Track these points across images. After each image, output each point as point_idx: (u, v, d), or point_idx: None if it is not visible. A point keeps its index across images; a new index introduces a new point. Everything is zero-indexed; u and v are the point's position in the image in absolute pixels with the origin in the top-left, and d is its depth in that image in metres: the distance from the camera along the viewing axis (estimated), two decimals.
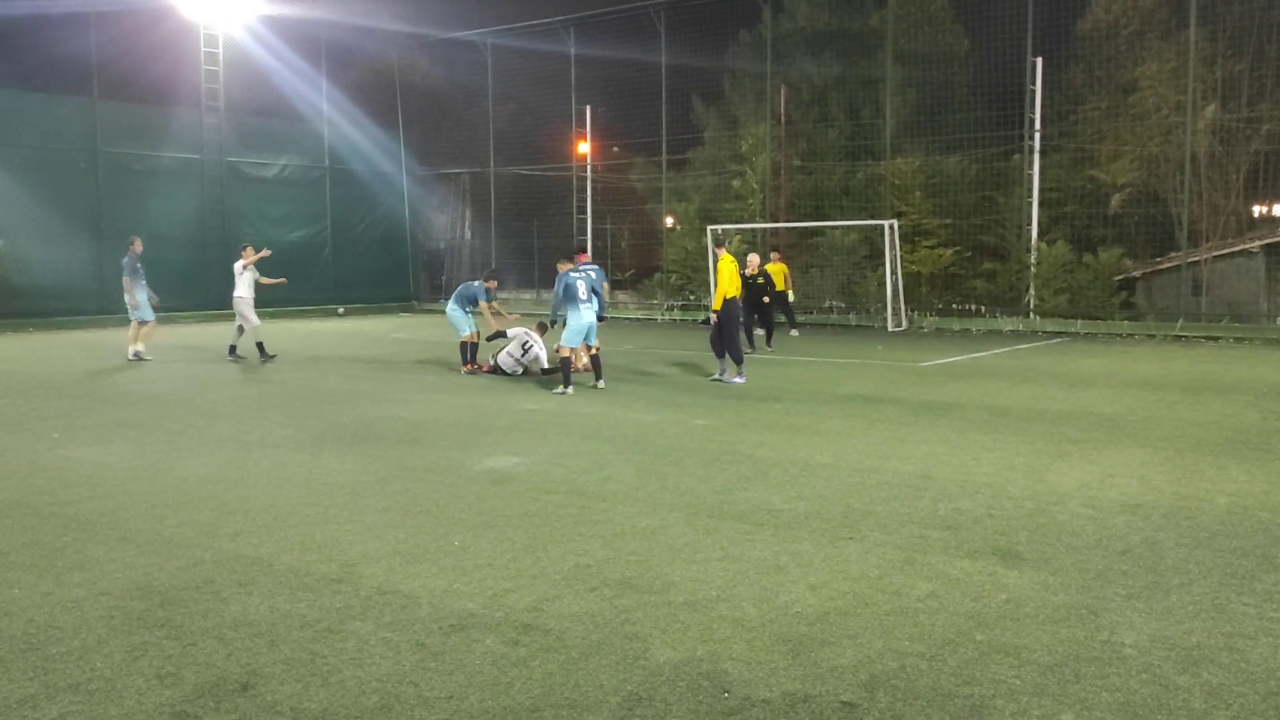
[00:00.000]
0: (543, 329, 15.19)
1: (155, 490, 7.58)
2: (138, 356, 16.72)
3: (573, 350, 13.12)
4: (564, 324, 13.19)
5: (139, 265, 16.81)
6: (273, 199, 30.51)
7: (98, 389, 13.38)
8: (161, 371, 15.48)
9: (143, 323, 16.81)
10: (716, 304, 13.69)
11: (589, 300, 12.98)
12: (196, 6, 28.10)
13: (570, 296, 12.92)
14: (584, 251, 13.08)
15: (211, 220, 28.72)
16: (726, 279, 13.54)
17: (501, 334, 14.88)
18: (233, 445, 9.40)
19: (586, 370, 14.31)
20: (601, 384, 13.28)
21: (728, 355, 13.75)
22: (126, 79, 29.08)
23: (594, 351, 13.60)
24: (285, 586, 5.36)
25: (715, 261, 14.18)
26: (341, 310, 30.21)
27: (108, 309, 26.04)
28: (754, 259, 17.85)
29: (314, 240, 31.44)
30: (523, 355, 14.73)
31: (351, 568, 5.67)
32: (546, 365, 14.76)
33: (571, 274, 13.05)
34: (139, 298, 16.65)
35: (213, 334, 22.67)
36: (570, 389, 12.74)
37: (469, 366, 15.29)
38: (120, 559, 5.86)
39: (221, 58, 28.95)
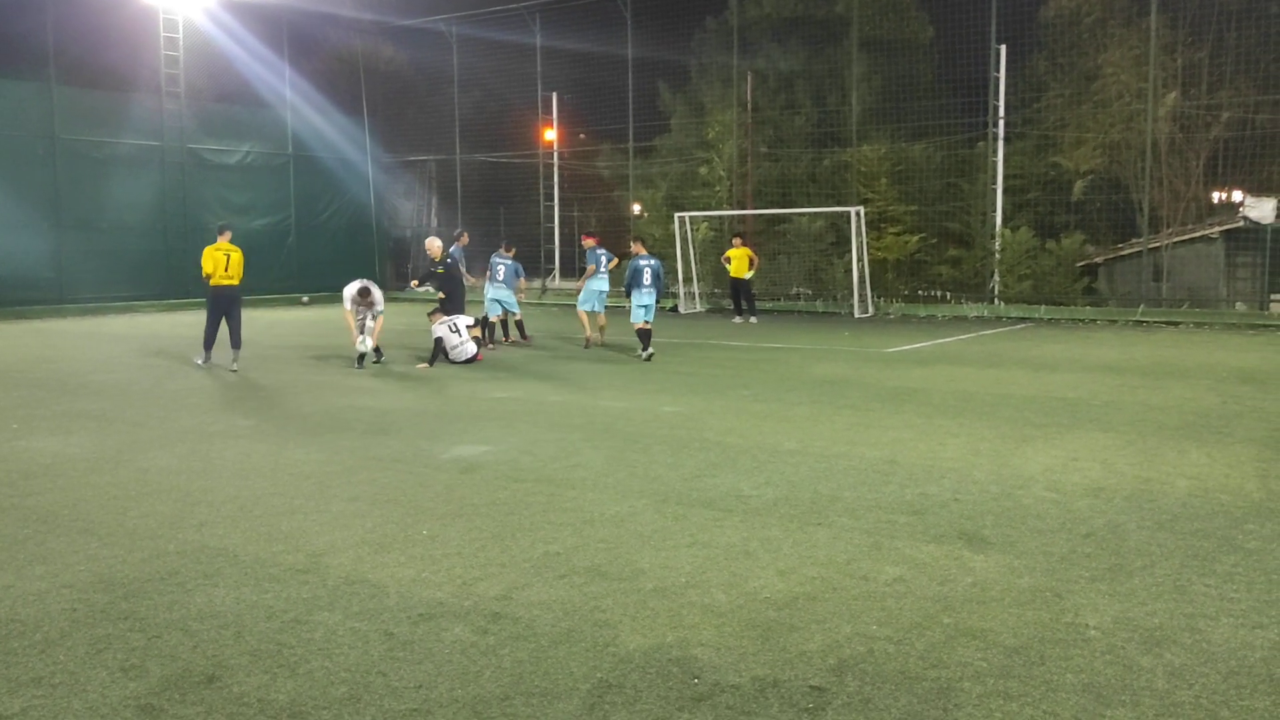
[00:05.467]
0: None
1: (117, 482, 7.48)
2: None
3: (637, 325, 15.28)
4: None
5: (459, 254, 17.72)
6: (235, 186, 30.13)
7: (56, 379, 13.19)
8: (121, 362, 15.28)
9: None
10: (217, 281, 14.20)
11: (651, 284, 15.28)
12: None
13: (637, 280, 15.17)
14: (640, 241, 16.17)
15: (172, 208, 28.34)
16: (209, 264, 14.05)
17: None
18: (195, 436, 9.29)
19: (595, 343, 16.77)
20: (650, 351, 15.12)
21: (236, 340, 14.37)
22: (84, 63, 28.61)
23: (646, 326, 15.28)
24: (251, 577, 5.31)
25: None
26: (306, 299, 29.93)
27: (66, 298, 25.70)
28: (432, 244, 15.87)
29: (278, 228, 31.11)
30: (461, 337, 14.63)
31: (318, 558, 5.63)
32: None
33: (640, 260, 15.25)
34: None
35: (172, 323, 22.40)
36: (648, 352, 15.01)
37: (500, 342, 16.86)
38: (82, 551, 5.78)
39: (181, 43, 28.50)
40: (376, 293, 14.20)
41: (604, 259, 17.00)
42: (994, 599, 4.94)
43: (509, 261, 17.05)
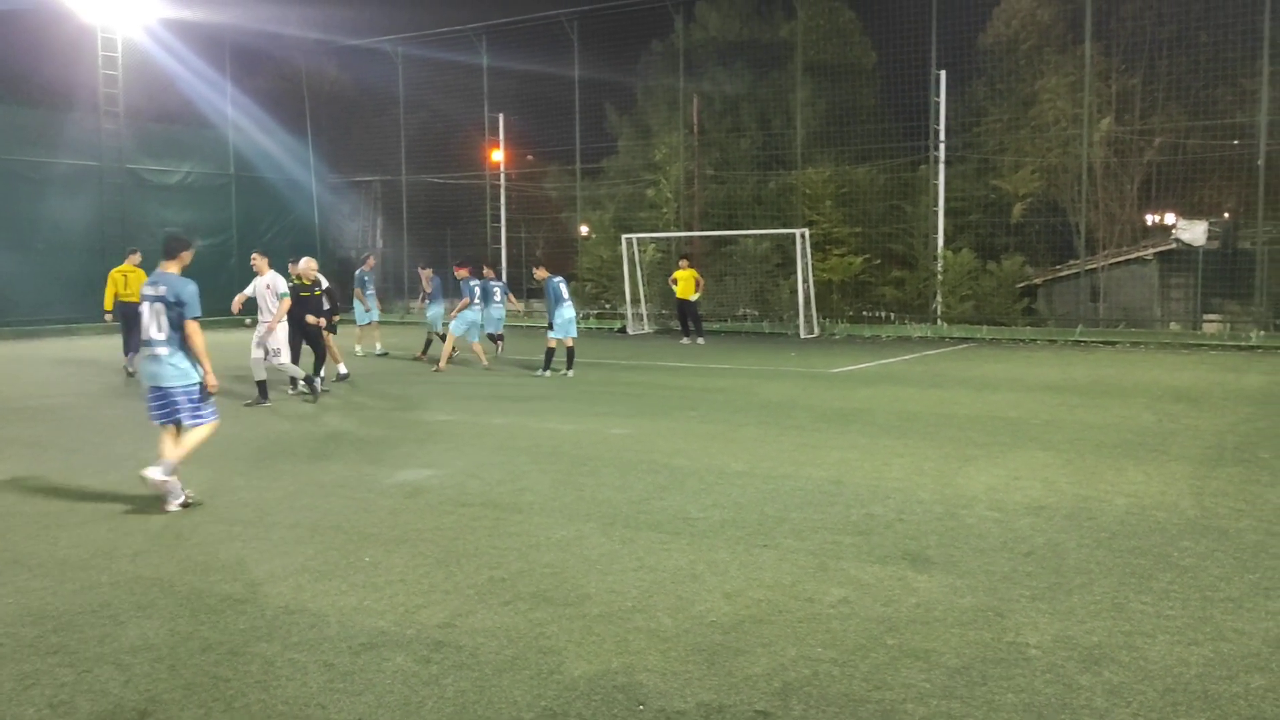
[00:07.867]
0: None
1: (49, 511, 7.28)
2: (383, 353, 19.84)
3: (558, 341, 15.87)
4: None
5: (367, 278, 20.13)
6: (176, 207, 29.69)
7: None
8: (58, 386, 14.93)
9: (368, 324, 20.00)
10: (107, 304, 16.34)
11: (569, 298, 16.05)
12: (94, 8, 27.19)
13: (558, 298, 15.77)
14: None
15: (111, 229, 27.78)
16: (110, 285, 16.27)
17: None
18: (131, 463, 9.07)
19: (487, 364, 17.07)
20: (571, 373, 15.81)
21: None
22: (19, 81, 28.09)
23: (570, 344, 15.97)
24: (187, 608, 5.19)
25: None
26: (249, 321, 29.43)
27: (1, 321, 25.06)
28: (305, 264, 14.89)
29: (220, 249, 30.66)
30: (266, 358, 13.27)
31: (257, 587, 5.52)
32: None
33: (554, 280, 15.85)
34: (369, 304, 19.94)
35: (110, 347, 21.91)
36: (549, 373, 15.68)
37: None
38: (10, 583, 5.61)
39: (120, 61, 28.07)
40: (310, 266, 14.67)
41: (477, 290, 17.34)
42: (937, 619, 4.98)
43: (499, 283, 19.16)
